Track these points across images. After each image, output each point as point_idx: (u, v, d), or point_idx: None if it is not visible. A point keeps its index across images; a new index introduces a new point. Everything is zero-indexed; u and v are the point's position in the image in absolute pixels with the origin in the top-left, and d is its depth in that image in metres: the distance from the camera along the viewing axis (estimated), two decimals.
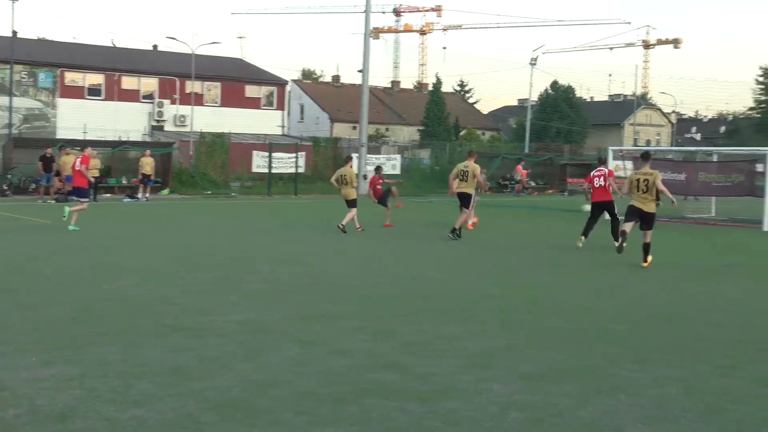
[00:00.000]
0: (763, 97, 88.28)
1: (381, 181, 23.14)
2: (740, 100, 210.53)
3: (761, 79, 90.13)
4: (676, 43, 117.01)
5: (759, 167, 25.78)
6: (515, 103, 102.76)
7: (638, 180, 14.53)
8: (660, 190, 14.37)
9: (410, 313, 9.76)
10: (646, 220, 14.42)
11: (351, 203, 21.08)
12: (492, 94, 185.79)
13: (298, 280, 12.21)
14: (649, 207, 14.41)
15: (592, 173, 17.86)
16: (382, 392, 6.33)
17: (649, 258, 14.33)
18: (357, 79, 55.69)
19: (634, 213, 14.46)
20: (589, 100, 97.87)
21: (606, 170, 17.62)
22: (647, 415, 5.90)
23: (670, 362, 7.47)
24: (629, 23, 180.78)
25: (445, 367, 7.14)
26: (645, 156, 15.13)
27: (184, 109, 55.48)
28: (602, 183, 17.33)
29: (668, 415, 5.91)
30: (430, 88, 78.51)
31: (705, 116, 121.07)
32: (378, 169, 24.08)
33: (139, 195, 33.09)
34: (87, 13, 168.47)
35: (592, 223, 17.28)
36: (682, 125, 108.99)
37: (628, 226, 14.55)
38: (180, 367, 6.97)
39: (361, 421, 5.64)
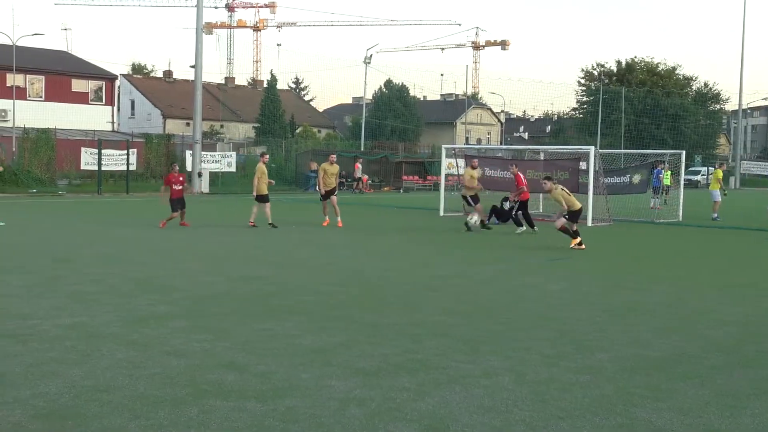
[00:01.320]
0: (585, 99, 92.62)
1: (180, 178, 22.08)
2: (564, 101, 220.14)
3: (583, 81, 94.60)
4: (504, 44, 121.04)
5: (582, 165, 27.00)
6: (350, 102, 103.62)
7: None
8: None
9: (246, 311, 9.66)
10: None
11: (262, 198, 22.05)
12: (327, 92, 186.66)
13: (128, 281, 11.86)
14: None
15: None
16: (220, 392, 6.24)
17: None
18: (190, 75, 54.69)
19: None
20: (422, 99, 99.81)
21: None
22: (480, 404, 6.08)
23: (500, 353, 7.72)
24: (460, 24, 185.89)
25: (283, 365, 7.11)
26: None
27: (5, 104, 52.76)
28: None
29: (500, 404, 6.11)
30: (265, 85, 77.94)
31: (532, 116, 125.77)
32: (173, 165, 23.38)
33: None
34: None
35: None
36: (511, 124, 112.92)
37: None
38: (4, 374, 6.63)
39: (200, 423, 5.54)
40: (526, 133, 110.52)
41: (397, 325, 8.98)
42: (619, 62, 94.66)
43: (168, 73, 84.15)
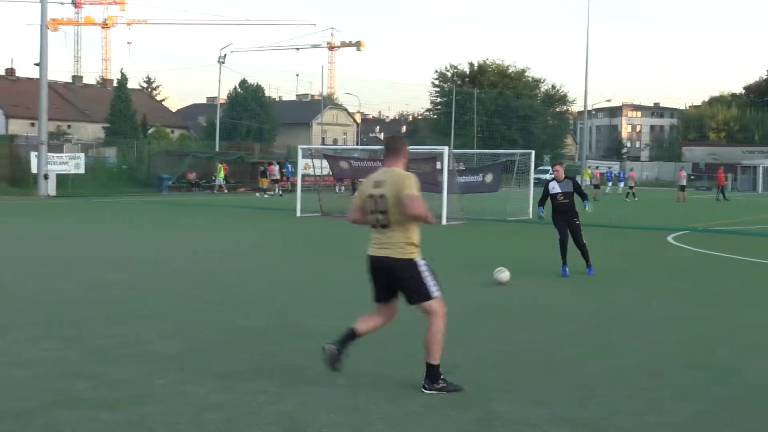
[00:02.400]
0: (439, 99, 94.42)
1: None
2: (419, 102, 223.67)
3: (437, 82, 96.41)
4: (358, 45, 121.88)
5: (438, 164, 27.48)
6: (204, 101, 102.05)
7: None
8: None
9: (98, 318, 9.32)
10: None
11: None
12: (181, 92, 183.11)
13: None
14: None
15: None
16: (70, 402, 5.99)
17: None
18: (34, 73, 52.44)
19: None
20: (278, 99, 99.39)
21: None
22: (340, 404, 6.07)
23: (359, 353, 7.72)
24: (315, 25, 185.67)
25: (137, 372, 6.90)
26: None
27: None
28: None
29: (359, 403, 6.11)
30: (115, 84, 75.73)
31: (387, 116, 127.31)
32: None
33: None
34: None
35: None
36: (367, 125, 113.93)
37: None
38: None
39: None
40: (382, 134, 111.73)
41: (255, 328, 8.88)
42: (471, 64, 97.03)
43: (10, 71, 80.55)
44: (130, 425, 5.53)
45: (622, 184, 60.33)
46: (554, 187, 14.19)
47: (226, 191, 47.29)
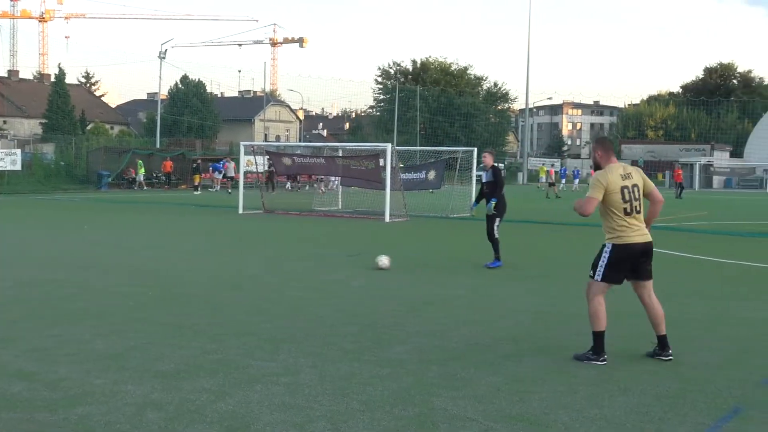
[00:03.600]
0: (383, 96, 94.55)
1: None
2: (362, 99, 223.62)
3: (380, 79, 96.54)
4: (301, 42, 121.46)
5: (381, 161, 27.57)
6: (145, 97, 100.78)
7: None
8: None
9: (35, 317, 9.16)
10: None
11: None
12: (121, 88, 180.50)
13: None
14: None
15: None
16: (6, 403, 5.88)
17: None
18: None
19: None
20: (219, 95, 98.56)
21: None
22: (282, 402, 6.06)
23: (302, 351, 7.73)
24: (257, 21, 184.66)
25: (75, 371, 6.80)
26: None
27: None
28: None
29: (301, 400, 6.11)
30: (53, 79, 74.39)
31: (331, 113, 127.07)
32: None
33: None
34: None
35: None
36: (310, 122, 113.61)
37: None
38: None
39: None
40: (325, 130, 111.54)
41: (197, 326, 8.80)
42: (414, 61, 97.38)
43: None
44: (69, 426, 5.45)
45: (577, 182, 61.08)
46: (482, 176, 14.46)
47: (145, 188, 46.74)
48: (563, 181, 62.83)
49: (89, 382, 6.48)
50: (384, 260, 13.67)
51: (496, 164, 14.82)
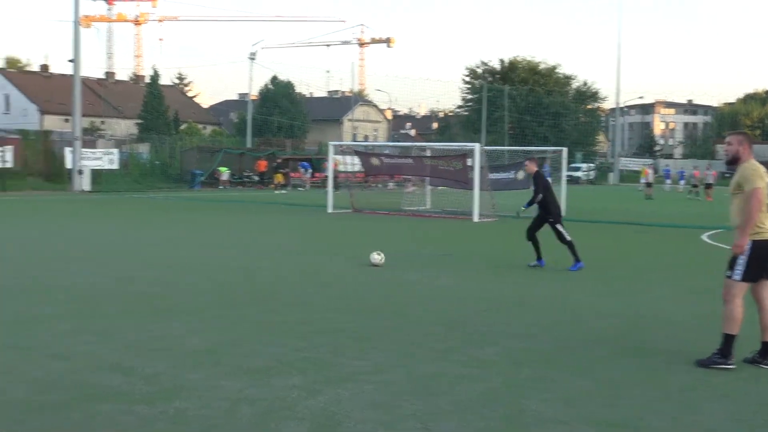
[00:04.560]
0: (470, 96, 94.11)
1: None
2: (450, 98, 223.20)
3: (468, 78, 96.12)
4: (388, 42, 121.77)
5: (469, 161, 27.47)
6: (236, 98, 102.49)
7: None
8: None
9: (132, 312, 9.43)
10: None
11: None
12: (212, 88, 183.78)
13: (5, 282, 11.42)
14: None
15: None
16: (106, 395, 6.08)
17: None
18: (68, 69, 52.94)
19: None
20: (308, 95, 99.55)
21: None
22: (371, 400, 6.10)
23: (390, 349, 7.77)
24: (344, 21, 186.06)
25: (171, 366, 6.98)
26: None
27: None
28: None
29: (390, 399, 6.14)
30: (147, 80, 76.25)
31: (418, 113, 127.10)
32: None
33: None
34: None
35: None
36: (398, 121, 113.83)
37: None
38: None
39: (86, 428, 5.39)
40: (413, 130, 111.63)
41: (287, 323, 8.93)
42: (502, 60, 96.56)
43: (45, 68, 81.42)
44: (166, 419, 5.60)
45: (683, 182, 59.30)
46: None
47: (228, 187, 47.36)
48: (668, 181, 61.02)
49: (185, 377, 6.64)
50: (376, 257, 13.86)
51: (539, 170, 14.90)
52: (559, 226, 14.27)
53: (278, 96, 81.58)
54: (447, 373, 6.92)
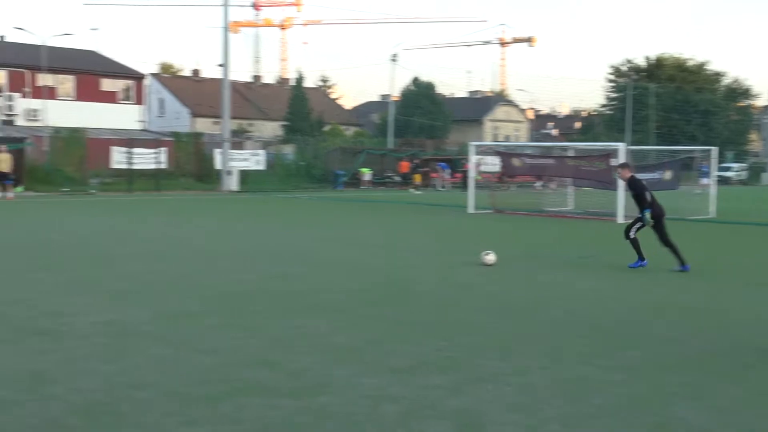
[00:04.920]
0: (614, 95, 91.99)
1: None
2: (593, 97, 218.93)
3: (612, 77, 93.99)
4: (530, 41, 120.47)
5: (613, 161, 26.86)
6: (378, 99, 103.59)
7: None
8: None
9: (277, 309, 9.70)
10: None
11: None
12: (355, 90, 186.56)
13: (158, 279, 11.95)
14: None
15: None
16: (253, 389, 6.27)
17: None
18: (217, 73, 54.81)
19: None
20: (449, 96, 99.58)
21: None
22: (514, 402, 6.06)
23: (533, 351, 7.69)
24: (485, 21, 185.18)
25: (314, 362, 7.13)
26: None
27: (36, 103, 53.38)
28: None
29: (533, 402, 6.08)
30: (292, 83, 78.08)
31: (560, 113, 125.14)
32: None
33: None
34: None
35: None
36: (539, 121, 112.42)
37: None
38: (40, 371, 6.69)
39: (234, 420, 5.57)
40: (555, 130, 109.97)
41: (427, 323, 8.98)
42: (648, 58, 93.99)
43: (196, 72, 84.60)
44: (310, 413, 5.73)
45: None
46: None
47: (369, 187, 47.80)
48: None
49: (328, 373, 6.77)
50: (489, 257, 13.77)
51: (633, 174, 14.43)
52: (637, 223, 14.00)
53: (419, 97, 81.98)
54: (591, 378, 6.80)
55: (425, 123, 79.49)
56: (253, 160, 44.32)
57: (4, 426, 5.38)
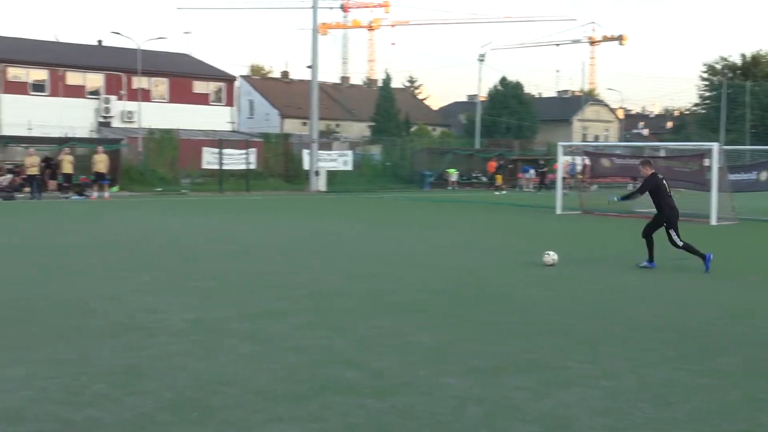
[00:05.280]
0: (708, 93, 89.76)
1: None
2: (685, 96, 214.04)
3: (705, 75, 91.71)
4: (620, 39, 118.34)
5: (706, 162, 26.25)
6: (465, 99, 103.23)
7: None
8: None
9: (362, 308, 9.76)
10: None
11: None
12: (442, 90, 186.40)
13: (246, 277, 12.15)
14: None
15: None
16: (338, 388, 6.32)
17: None
18: (306, 75, 55.49)
19: None
20: (537, 96, 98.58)
21: None
22: (602, 406, 5.97)
23: (619, 354, 7.57)
24: (574, 20, 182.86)
25: (399, 362, 7.16)
26: None
27: (131, 105, 54.85)
28: None
29: (621, 406, 5.99)
30: (380, 84, 78.44)
31: (651, 112, 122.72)
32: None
33: (92, 193, 32.59)
34: (29, 7, 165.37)
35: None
36: (630, 121, 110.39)
37: None
38: (134, 366, 6.88)
39: (320, 418, 5.63)
40: (646, 130, 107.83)
41: (510, 324, 8.92)
42: (743, 56, 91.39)
43: (285, 74, 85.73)
44: (395, 413, 5.75)
45: None
46: None
47: (456, 188, 47.60)
48: None
49: (413, 373, 6.79)
50: (548, 257, 13.69)
51: (654, 172, 14.16)
52: (671, 231, 13.65)
53: (507, 97, 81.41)
54: (681, 382, 6.66)
55: (512, 123, 78.91)
56: (340, 160, 44.68)
57: (100, 419, 5.55)
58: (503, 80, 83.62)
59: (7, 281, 11.41)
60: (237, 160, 40.45)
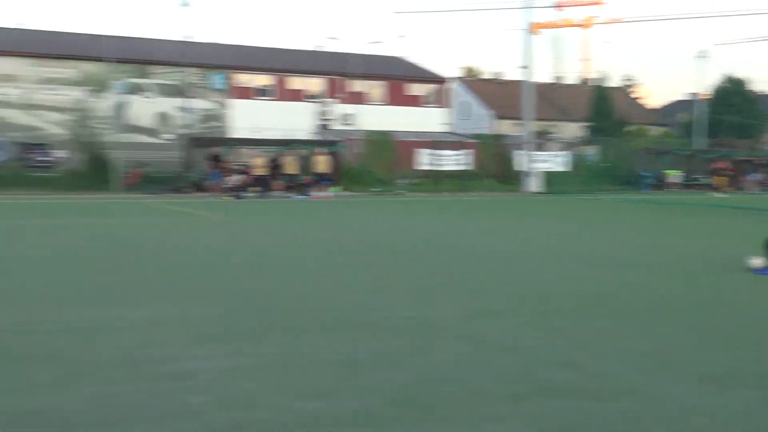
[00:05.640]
0: None
1: None
2: None
3: None
4: None
5: None
6: (685, 98, 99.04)
7: None
8: None
9: (575, 310, 9.61)
10: None
11: None
12: (660, 89, 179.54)
13: (462, 276, 12.27)
14: None
15: None
16: (555, 390, 6.28)
17: None
18: (520, 75, 55.19)
19: None
20: (766, 93, 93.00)
21: None
22: None
23: None
24: None
25: (617, 366, 7.00)
26: None
27: (349, 108, 56.61)
28: None
29: None
30: (594, 83, 76.75)
31: None
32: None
33: (316, 193, 34.00)
34: (251, 16, 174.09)
35: None
36: None
37: None
38: (356, 361, 7.12)
39: (538, 419, 5.62)
40: None
41: (738, 334, 8.47)
42: None
43: (498, 75, 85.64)
44: (613, 418, 5.64)
45: None
46: None
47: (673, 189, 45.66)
48: None
49: (632, 378, 6.61)
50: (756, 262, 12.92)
51: None
52: None
53: (732, 94, 77.40)
54: None
55: (736, 122, 74.91)
56: (554, 161, 44.16)
57: (327, 410, 5.78)
58: (730, 77, 79.59)
59: (236, 275, 12.11)
60: (452, 161, 40.91)
